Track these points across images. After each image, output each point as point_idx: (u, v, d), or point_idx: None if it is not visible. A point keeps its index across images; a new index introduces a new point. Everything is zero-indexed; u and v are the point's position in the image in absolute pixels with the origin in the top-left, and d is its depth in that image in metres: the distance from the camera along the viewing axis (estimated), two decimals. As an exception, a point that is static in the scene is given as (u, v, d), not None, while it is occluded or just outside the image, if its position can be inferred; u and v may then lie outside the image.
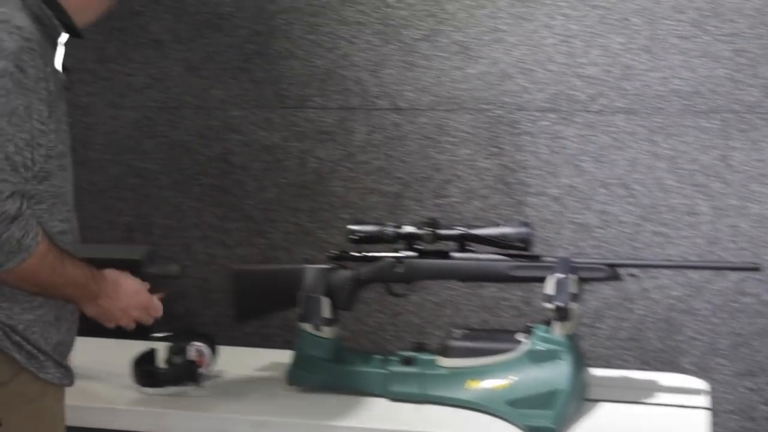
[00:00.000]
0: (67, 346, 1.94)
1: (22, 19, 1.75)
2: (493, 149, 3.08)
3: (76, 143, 2.81)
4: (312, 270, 2.29)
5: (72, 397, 1.99)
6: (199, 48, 3.27)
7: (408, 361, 2.25)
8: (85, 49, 3.29)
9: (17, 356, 1.81)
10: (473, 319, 3.11)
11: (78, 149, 3.35)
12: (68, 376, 1.93)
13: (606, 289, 3.00)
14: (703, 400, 2.25)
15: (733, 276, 2.94)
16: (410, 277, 2.26)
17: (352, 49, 3.17)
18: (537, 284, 2.15)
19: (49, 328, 1.87)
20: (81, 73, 3.31)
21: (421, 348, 2.31)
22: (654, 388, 2.28)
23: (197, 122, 3.30)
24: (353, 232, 2.27)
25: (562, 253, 2.74)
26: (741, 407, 2.90)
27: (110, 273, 1.98)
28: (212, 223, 3.32)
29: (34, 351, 1.84)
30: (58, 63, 1.85)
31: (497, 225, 2.21)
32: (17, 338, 1.82)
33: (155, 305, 2.08)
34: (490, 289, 3.11)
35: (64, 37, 1.88)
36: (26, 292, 1.81)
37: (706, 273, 2.94)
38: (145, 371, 2.26)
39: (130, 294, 2.00)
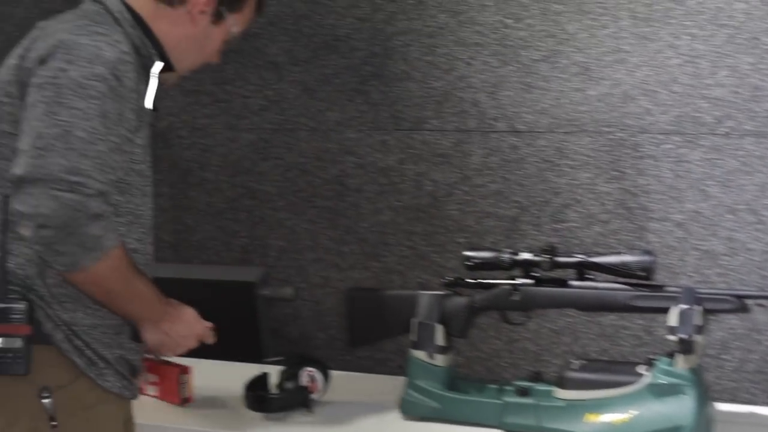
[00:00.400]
0: (130, 365, 1.94)
1: (120, 39, 1.84)
2: (615, 173, 3.00)
3: (192, 165, 2.85)
4: (426, 296, 2.26)
5: (183, 418, 1.98)
6: (315, 70, 3.27)
7: (524, 392, 2.19)
8: (203, 71, 3.30)
9: (77, 360, 1.83)
10: (592, 348, 3.02)
11: (194, 170, 3.43)
12: (130, 388, 1.93)
13: (732, 319, 2.89)
14: None
15: None
16: (527, 305, 2.20)
17: (470, 71, 3.13)
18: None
19: (110, 336, 1.88)
20: (199, 95, 3.34)
21: (537, 378, 2.24)
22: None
23: (313, 144, 3.30)
24: (469, 258, 2.22)
25: (685, 282, 2.65)
26: None
27: (173, 301, 1.99)
28: (327, 245, 3.31)
29: (95, 357, 1.85)
30: (150, 94, 1.90)
31: (618, 253, 2.14)
32: (78, 342, 1.84)
33: (209, 336, 2.06)
34: (610, 317, 3.02)
35: (158, 66, 1.92)
36: (93, 298, 1.83)
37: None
38: (257, 396, 2.25)
39: (191, 322, 2.01)
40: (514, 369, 3.04)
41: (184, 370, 2.28)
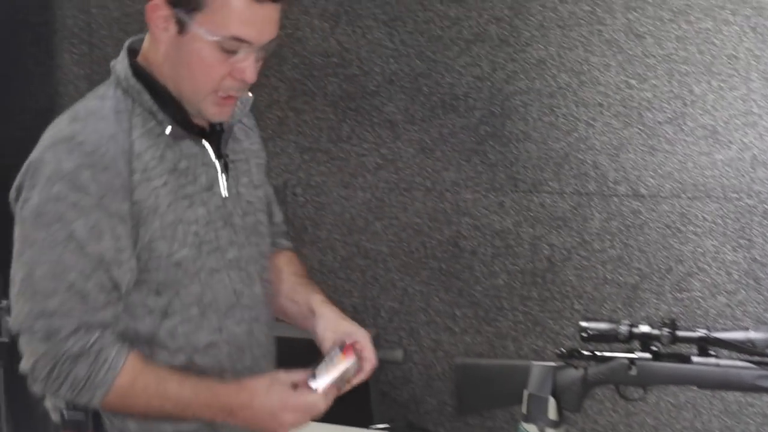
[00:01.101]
0: None
1: (97, 122, 1.64)
2: (742, 241, 2.87)
3: (306, 222, 2.83)
4: (538, 367, 2.16)
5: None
6: (433, 129, 3.23)
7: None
8: (320, 129, 3.31)
9: None
10: (714, 425, 2.87)
11: (308, 228, 3.41)
12: None
13: None
14: None
15: None
16: (644, 380, 2.09)
17: (591, 132, 3.04)
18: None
19: None
20: (314, 152, 3.33)
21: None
22: None
23: (428, 204, 3.24)
24: (584, 329, 2.12)
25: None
26: None
27: (251, 382, 1.74)
28: (439, 308, 3.24)
29: None
30: (210, 153, 1.73)
31: (744, 329, 2.01)
32: None
33: (313, 404, 1.73)
34: (735, 393, 2.86)
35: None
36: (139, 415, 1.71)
37: None
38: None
39: (272, 400, 1.71)
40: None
41: None
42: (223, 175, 1.75)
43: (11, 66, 3.51)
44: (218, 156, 1.75)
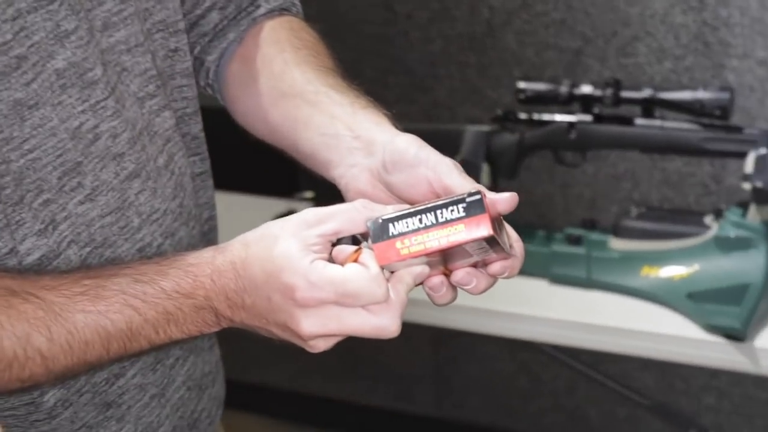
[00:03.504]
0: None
1: None
2: (693, 3, 2.71)
3: None
4: (472, 132, 2.05)
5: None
6: None
7: (575, 240, 2.01)
8: None
9: None
10: (654, 196, 2.80)
11: None
12: None
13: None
14: None
15: None
16: (584, 144, 1.99)
17: None
18: (732, 160, 1.84)
19: None
20: None
21: (591, 226, 2.05)
22: None
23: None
24: (522, 90, 2.02)
25: (766, 126, 2.40)
26: None
27: (250, 252, 0.94)
28: (371, 76, 3.08)
29: None
30: None
31: (692, 88, 1.90)
32: None
33: (388, 319, 0.91)
34: (676, 163, 2.77)
35: None
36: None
37: None
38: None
39: (285, 284, 0.90)
40: (568, 216, 2.83)
41: None
42: None
43: None
44: None
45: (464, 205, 0.90)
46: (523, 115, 2.04)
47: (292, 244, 0.91)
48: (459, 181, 0.97)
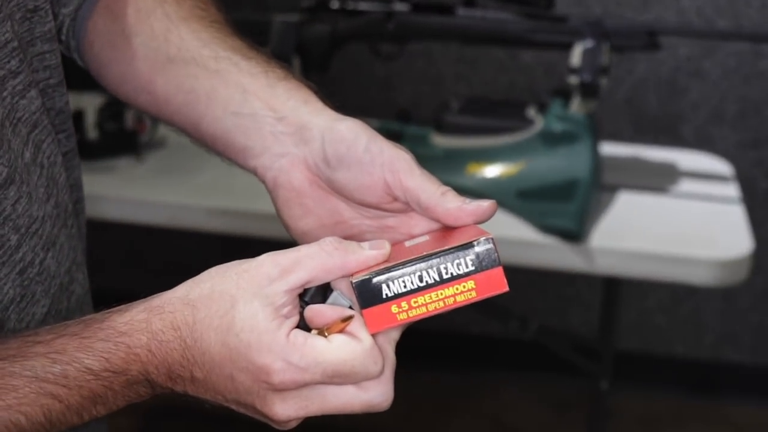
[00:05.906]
0: None
1: None
2: None
3: None
4: (280, 23, 1.89)
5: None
6: None
7: (393, 136, 1.90)
8: None
9: None
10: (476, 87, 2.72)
11: None
12: None
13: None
14: (733, 190, 1.95)
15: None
16: (402, 35, 1.87)
17: None
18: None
19: None
20: None
21: (407, 118, 1.95)
22: (675, 171, 1.99)
23: None
24: (333, -24, 1.87)
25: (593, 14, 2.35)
26: (741, 180, 2.59)
27: (198, 317, 0.73)
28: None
29: None
30: None
31: (515, -24, 1.81)
32: None
33: (380, 395, 0.73)
34: (491, 58, 2.70)
35: None
36: None
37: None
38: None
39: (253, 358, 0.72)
40: (387, 109, 2.73)
41: None
42: None
43: None
44: None
45: (472, 257, 0.72)
46: (335, 4, 1.90)
47: (256, 309, 0.70)
48: (421, 182, 0.79)
